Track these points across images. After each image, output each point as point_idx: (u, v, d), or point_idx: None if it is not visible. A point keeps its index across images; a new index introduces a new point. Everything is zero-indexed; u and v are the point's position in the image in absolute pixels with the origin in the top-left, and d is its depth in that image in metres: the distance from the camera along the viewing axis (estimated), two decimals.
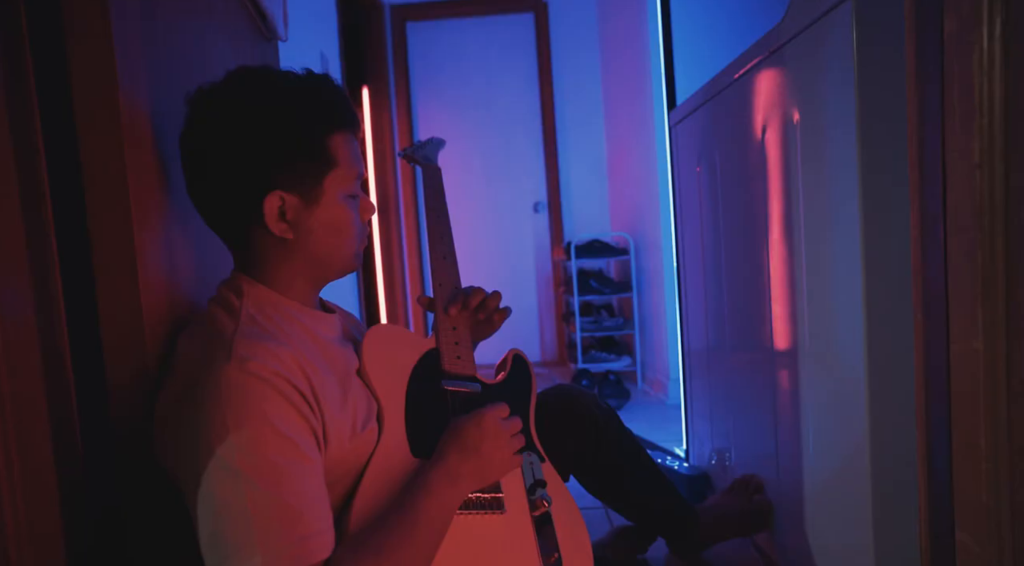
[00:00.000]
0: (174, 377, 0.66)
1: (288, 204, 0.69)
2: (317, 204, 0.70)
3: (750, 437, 1.31)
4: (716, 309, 1.45)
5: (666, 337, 2.60)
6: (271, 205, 0.68)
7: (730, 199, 1.33)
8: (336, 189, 0.72)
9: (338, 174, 0.72)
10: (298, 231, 0.70)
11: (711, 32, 1.70)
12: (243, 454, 0.58)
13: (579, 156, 3.45)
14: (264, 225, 0.69)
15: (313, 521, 0.59)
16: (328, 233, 0.72)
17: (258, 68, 0.72)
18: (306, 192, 0.69)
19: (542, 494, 0.83)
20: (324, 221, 0.71)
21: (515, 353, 0.98)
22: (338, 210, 0.72)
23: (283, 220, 0.69)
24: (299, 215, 0.70)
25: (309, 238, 0.71)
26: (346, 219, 0.73)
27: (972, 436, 0.46)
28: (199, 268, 0.84)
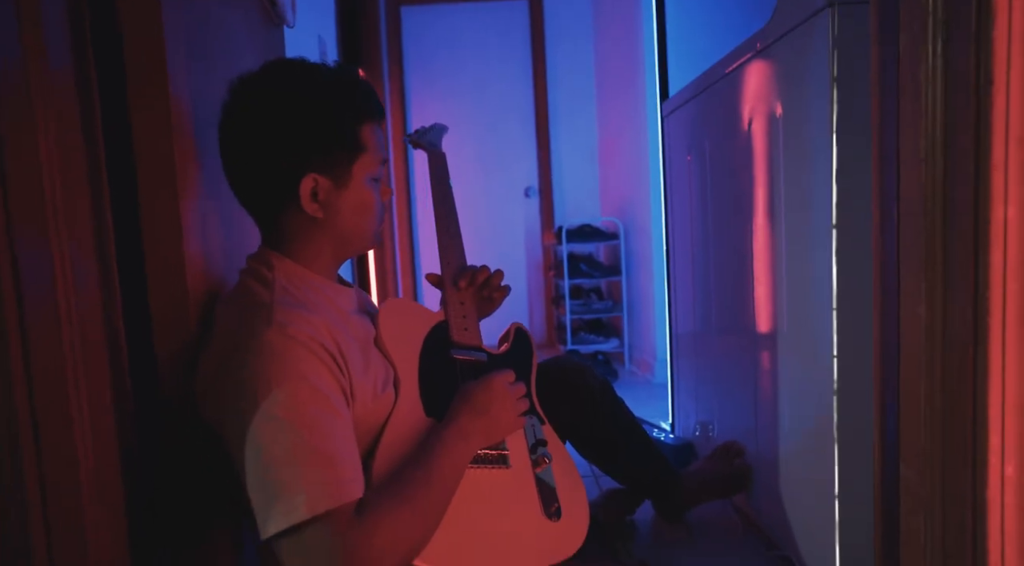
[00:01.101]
0: (215, 342, 0.73)
1: (320, 186, 0.75)
2: (346, 187, 0.77)
3: (732, 412, 1.41)
4: (703, 293, 1.53)
5: (653, 319, 2.68)
6: (306, 187, 0.74)
7: (718, 187, 1.41)
8: (363, 173, 0.78)
9: (366, 159, 0.79)
10: (328, 211, 0.77)
11: (704, 27, 1.78)
12: (285, 407, 0.64)
13: (571, 142, 3.50)
14: (298, 205, 0.75)
15: (348, 467, 0.66)
16: (354, 213, 0.79)
17: (295, 61, 0.78)
18: (337, 176, 0.76)
19: (543, 452, 0.91)
20: (351, 202, 0.78)
21: (517, 326, 1.06)
22: (364, 192, 0.79)
23: (315, 201, 0.75)
24: (329, 196, 0.76)
25: (337, 217, 0.78)
26: (370, 200, 0.80)
27: (914, 387, 0.55)
28: (227, 243, 0.91)
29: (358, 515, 0.65)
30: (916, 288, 0.55)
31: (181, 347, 0.72)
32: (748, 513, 1.33)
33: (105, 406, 0.60)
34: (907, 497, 0.58)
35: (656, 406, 2.24)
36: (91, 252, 0.60)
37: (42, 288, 0.51)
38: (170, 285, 0.71)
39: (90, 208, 0.61)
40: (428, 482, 0.73)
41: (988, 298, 0.48)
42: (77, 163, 0.59)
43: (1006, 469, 0.49)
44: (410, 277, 3.52)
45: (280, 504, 0.62)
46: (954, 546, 0.53)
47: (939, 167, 0.52)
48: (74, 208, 0.56)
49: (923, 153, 0.53)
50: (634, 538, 1.30)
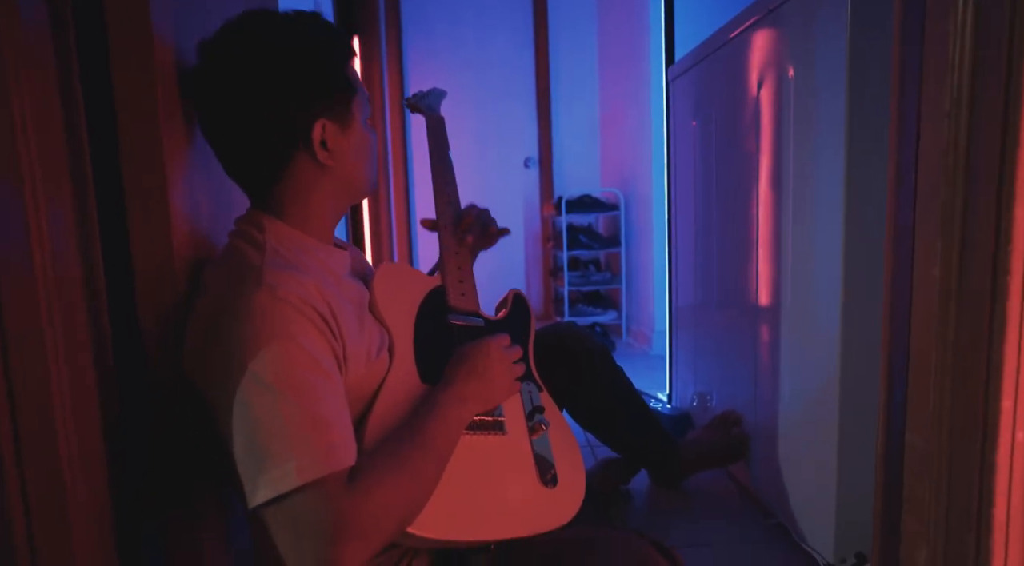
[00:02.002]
0: (203, 305, 0.71)
1: (329, 132, 0.72)
2: (350, 130, 0.75)
3: (732, 383, 1.40)
4: (704, 264, 1.51)
5: (651, 291, 2.66)
6: (316, 133, 0.71)
7: (724, 154, 1.37)
8: (359, 113, 0.76)
9: (360, 99, 0.76)
10: (335, 157, 0.74)
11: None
12: (274, 369, 0.61)
13: (572, 111, 3.43)
14: (305, 158, 0.72)
15: (340, 432, 0.63)
16: (357, 156, 0.77)
17: (265, 11, 0.74)
18: (340, 118, 0.74)
19: (540, 419, 0.90)
20: (354, 144, 0.76)
21: (515, 293, 1.04)
22: (363, 134, 0.77)
23: (325, 148, 0.72)
24: (336, 142, 0.73)
25: (344, 163, 0.75)
26: (368, 142, 0.78)
27: (925, 351, 0.54)
28: (215, 207, 0.88)
29: (350, 482, 0.63)
30: (932, 249, 0.53)
31: (166, 309, 0.70)
32: (745, 482, 1.34)
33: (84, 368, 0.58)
34: (912, 464, 0.57)
35: (653, 377, 2.24)
36: (70, 210, 0.57)
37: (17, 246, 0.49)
38: (155, 245, 0.68)
39: (67, 165, 0.58)
40: (423, 447, 0.71)
41: (1010, 259, 0.46)
42: (53, 118, 0.55)
43: (1017, 435, 0.48)
44: (406, 242, 3.49)
45: (269, 472, 0.59)
46: (959, 516, 0.52)
47: (964, 123, 0.49)
48: (51, 165, 0.53)
49: (948, 107, 0.50)
50: (629, 507, 1.31)
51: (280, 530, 0.61)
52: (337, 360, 0.69)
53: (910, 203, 0.56)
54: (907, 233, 0.56)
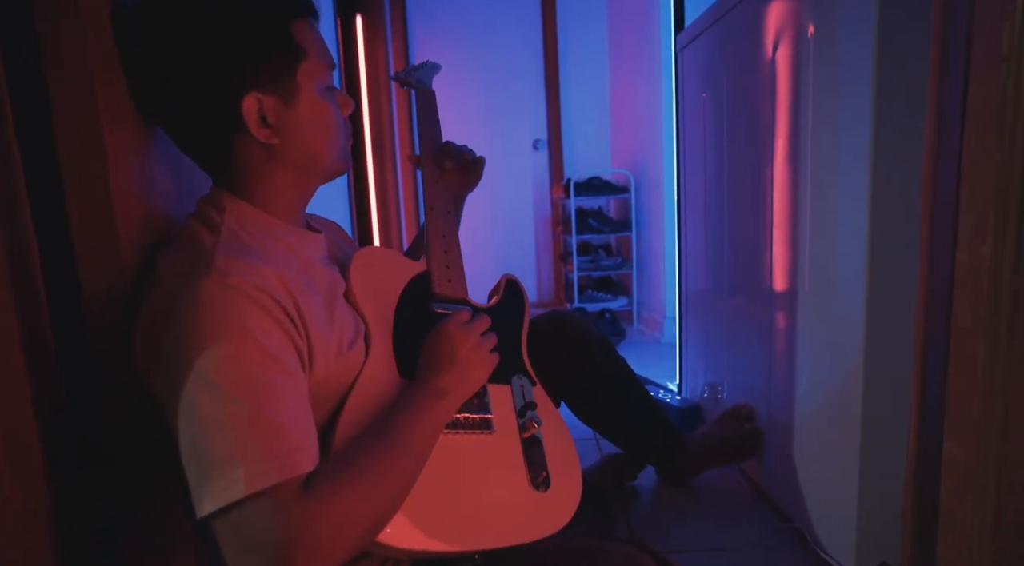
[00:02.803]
0: (153, 293, 0.64)
1: (267, 106, 0.64)
2: (296, 101, 0.66)
3: (744, 373, 1.31)
4: (716, 247, 1.42)
5: (663, 277, 2.58)
6: (249, 109, 0.63)
7: (736, 127, 1.28)
8: (311, 81, 0.67)
9: (310, 65, 0.67)
10: (282, 135, 0.66)
11: None
12: (223, 367, 0.55)
13: (581, 92, 3.34)
14: (246, 134, 0.65)
15: (296, 436, 0.57)
16: (312, 131, 0.68)
17: None
18: (282, 89, 0.65)
19: (532, 416, 0.83)
20: (306, 119, 0.67)
21: (508, 278, 0.97)
22: (318, 105, 0.68)
23: (265, 125, 0.65)
24: (280, 116, 0.66)
25: (294, 140, 0.67)
26: (328, 114, 0.70)
27: (969, 346, 0.45)
28: (177, 184, 0.81)
29: (307, 489, 0.57)
30: (980, 224, 0.44)
31: (113, 297, 0.64)
32: (758, 481, 1.25)
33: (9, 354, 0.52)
34: (951, 478, 0.48)
35: (664, 366, 2.16)
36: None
37: None
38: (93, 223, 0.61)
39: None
40: (393, 448, 0.64)
41: None
42: None
43: None
44: (416, 231, 3.42)
45: (214, 481, 0.53)
46: (1009, 540, 0.43)
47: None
48: None
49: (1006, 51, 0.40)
50: (633, 505, 1.23)
51: (227, 544, 0.55)
52: (299, 355, 0.62)
53: (953, 169, 0.47)
54: (949, 204, 0.47)
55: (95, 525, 0.64)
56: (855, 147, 0.84)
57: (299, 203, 0.74)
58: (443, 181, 0.94)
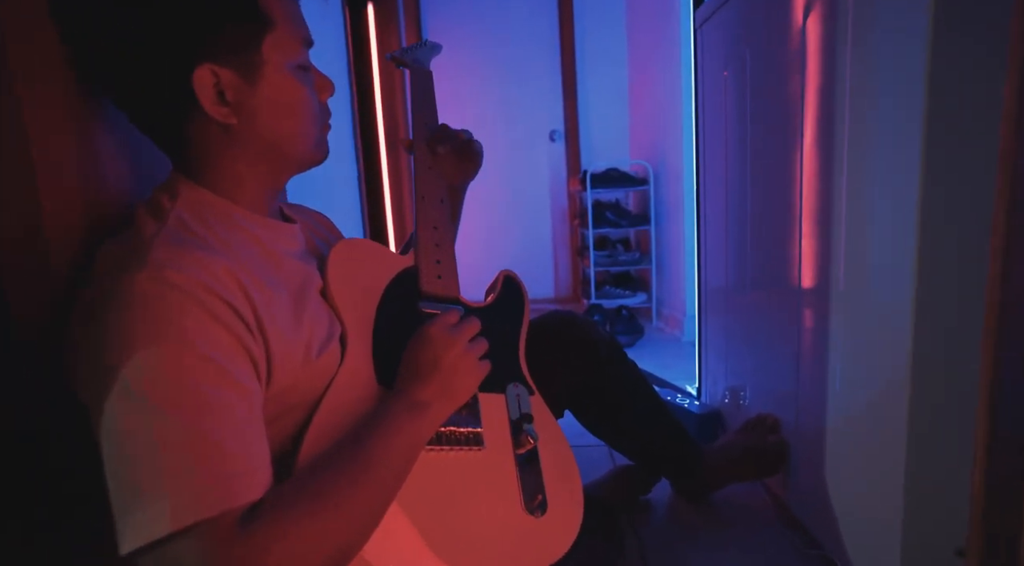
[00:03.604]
0: (84, 293, 0.57)
1: (224, 81, 0.57)
2: (259, 77, 0.59)
3: (768, 376, 1.20)
4: (738, 242, 1.31)
5: (684, 272, 2.47)
6: (203, 82, 0.56)
7: (760, 107, 1.16)
8: (279, 57, 0.60)
9: (278, 37, 0.59)
10: (242, 114, 0.59)
11: None
12: (152, 377, 0.48)
13: (599, 80, 3.23)
14: (201, 112, 0.57)
15: (239, 458, 0.50)
16: (278, 114, 0.61)
17: None
18: (243, 63, 0.58)
19: (528, 429, 0.74)
20: (271, 99, 0.60)
21: (506, 274, 0.88)
22: (286, 84, 0.61)
23: (223, 103, 0.58)
24: (241, 94, 0.58)
25: (255, 122, 0.60)
26: (297, 95, 0.62)
27: None
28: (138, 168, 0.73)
29: (250, 524, 0.48)
30: None
31: (43, 294, 0.56)
32: (783, 499, 1.14)
33: None
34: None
35: (684, 367, 2.05)
36: None
37: None
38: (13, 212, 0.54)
39: None
40: (361, 471, 0.56)
41: None
42: None
43: None
44: None
45: (136, 511, 0.46)
46: None
47: None
48: None
49: None
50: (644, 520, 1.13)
51: None
52: (253, 362, 0.55)
53: None
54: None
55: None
56: (903, 128, 0.73)
57: (267, 191, 0.66)
58: (437, 168, 0.86)
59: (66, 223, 0.57)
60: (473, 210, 3.43)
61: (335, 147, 0.72)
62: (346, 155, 2.36)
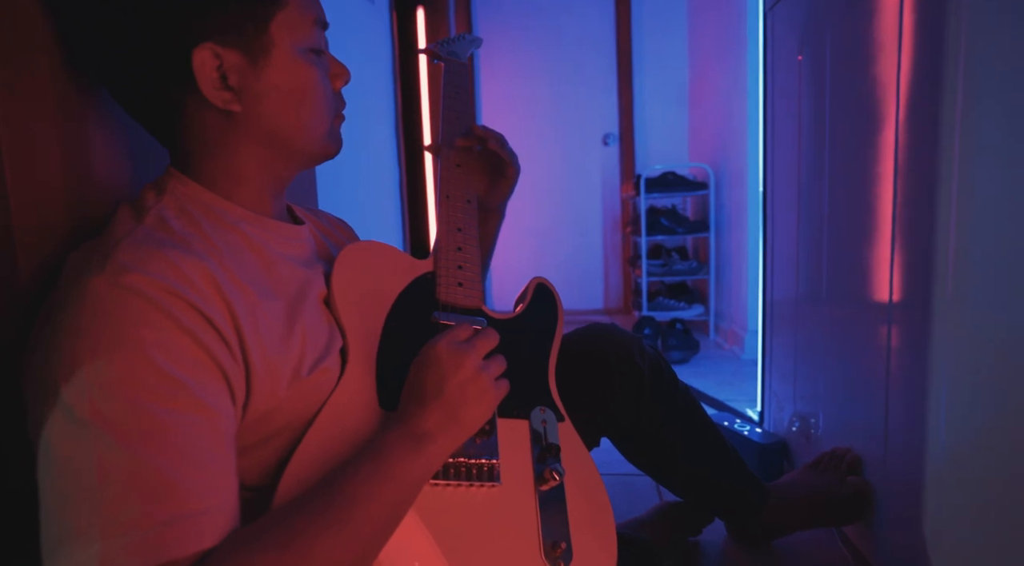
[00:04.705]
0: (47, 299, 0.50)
1: (228, 63, 0.52)
2: (267, 61, 0.54)
3: (847, 402, 1.04)
4: (812, 249, 1.16)
5: (746, 284, 2.29)
6: (203, 64, 0.51)
7: (843, 95, 1.01)
8: (289, 39, 0.55)
9: (288, 16, 0.54)
10: (246, 100, 0.54)
11: None
12: (96, 396, 0.41)
13: (657, 79, 3.09)
14: (200, 98, 0.52)
15: (193, 496, 0.42)
16: (285, 101, 0.55)
17: None
18: (249, 45, 0.53)
19: (553, 465, 0.63)
20: (277, 84, 0.55)
21: (538, 281, 0.77)
22: (296, 68, 0.55)
23: (226, 87, 0.52)
24: (245, 78, 0.53)
25: (260, 109, 0.55)
26: (308, 80, 0.56)
27: None
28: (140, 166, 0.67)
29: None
30: None
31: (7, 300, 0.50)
32: (866, 554, 0.97)
33: None
34: None
35: (744, 388, 1.88)
36: None
37: None
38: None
39: None
40: (342, 513, 0.46)
41: None
42: None
43: None
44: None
45: (63, 556, 0.40)
46: None
47: None
48: None
49: None
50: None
51: None
52: (226, 379, 0.47)
53: None
54: None
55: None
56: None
57: (270, 188, 0.60)
58: (467, 165, 0.77)
59: (41, 223, 0.52)
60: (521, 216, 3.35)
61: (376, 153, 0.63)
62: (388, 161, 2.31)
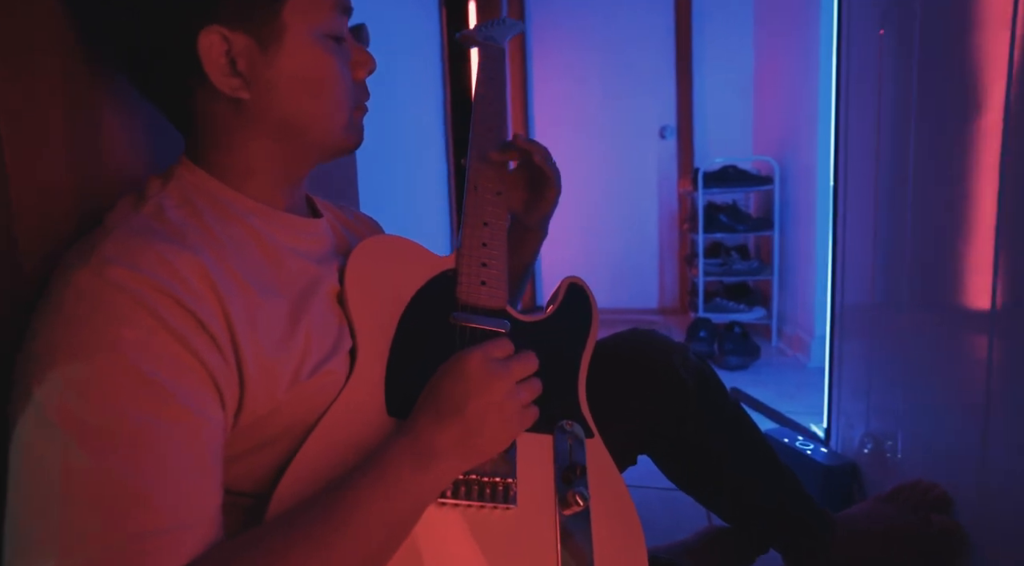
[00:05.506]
0: None
1: (237, 48, 0.49)
2: (279, 47, 0.51)
3: (933, 426, 0.91)
4: (892, 249, 1.04)
5: (813, 285, 2.12)
6: (210, 48, 0.48)
7: (934, 74, 0.87)
8: (304, 23, 0.51)
9: (303, 0, 0.51)
10: (256, 88, 0.51)
11: None
12: (70, 399, 0.39)
13: (719, 68, 2.93)
14: (210, 84, 0.49)
15: (164, 511, 0.39)
16: (299, 89, 0.52)
17: None
18: (259, 28, 0.50)
19: (578, 487, 0.55)
20: (291, 72, 0.52)
21: (571, 281, 0.70)
22: (310, 55, 0.52)
23: (235, 73, 0.49)
24: (255, 64, 0.50)
25: (272, 98, 0.52)
26: (324, 69, 0.53)
27: None
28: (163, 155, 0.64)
29: None
30: None
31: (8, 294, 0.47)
32: None
33: None
34: None
35: (809, 401, 1.73)
36: None
37: None
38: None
39: None
40: (336, 535, 0.42)
41: None
42: None
43: None
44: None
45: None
46: None
47: None
48: None
49: None
50: None
51: None
52: (215, 383, 0.44)
53: None
54: None
55: None
56: None
57: (284, 181, 0.57)
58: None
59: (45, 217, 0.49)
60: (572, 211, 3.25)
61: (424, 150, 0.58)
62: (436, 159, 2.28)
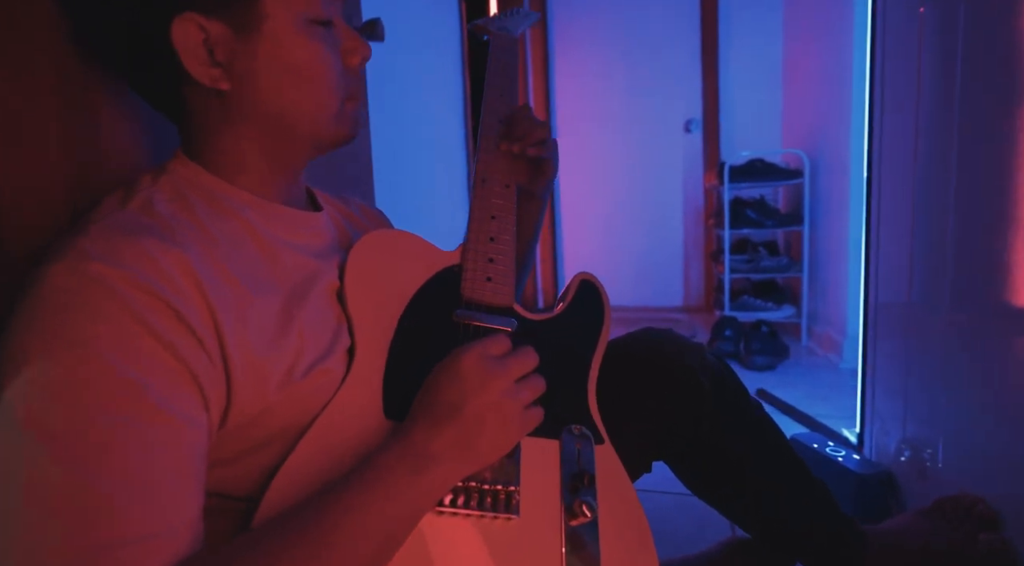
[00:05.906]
0: None
1: (214, 36, 0.47)
2: (259, 34, 0.49)
3: (978, 434, 0.86)
4: (931, 244, 0.99)
5: (845, 283, 2.04)
6: (185, 36, 0.46)
7: (981, 55, 0.81)
8: (286, 9, 0.49)
9: None
10: (236, 78, 0.49)
11: None
12: (40, 400, 0.38)
13: (746, 60, 2.85)
14: (189, 77, 0.48)
15: (134, 521, 0.37)
16: (281, 79, 0.50)
17: None
18: (237, 15, 0.48)
19: (585, 497, 0.52)
20: (273, 60, 0.50)
21: (583, 277, 0.66)
22: (294, 42, 0.50)
23: (214, 63, 0.48)
24: (234, 53, 0.48)
25: (254, 88, 0.50)
26: (309, 56, 0.51)
27: None
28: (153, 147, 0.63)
29: None
30: None
31: None
32: None
33: None
34: None
35: (841, 403, 1.66)
36: None
37: None
38: None
39: None
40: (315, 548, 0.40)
41: None
42: None
43: None
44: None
45: None
46: None
47: None
48: None
49: None
50: None
51: None
52: (197, 384, 0.43)
53: None
54: None
55: None
56: None
57: (278, 174, 0.55)
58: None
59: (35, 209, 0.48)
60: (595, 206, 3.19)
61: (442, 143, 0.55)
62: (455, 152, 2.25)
